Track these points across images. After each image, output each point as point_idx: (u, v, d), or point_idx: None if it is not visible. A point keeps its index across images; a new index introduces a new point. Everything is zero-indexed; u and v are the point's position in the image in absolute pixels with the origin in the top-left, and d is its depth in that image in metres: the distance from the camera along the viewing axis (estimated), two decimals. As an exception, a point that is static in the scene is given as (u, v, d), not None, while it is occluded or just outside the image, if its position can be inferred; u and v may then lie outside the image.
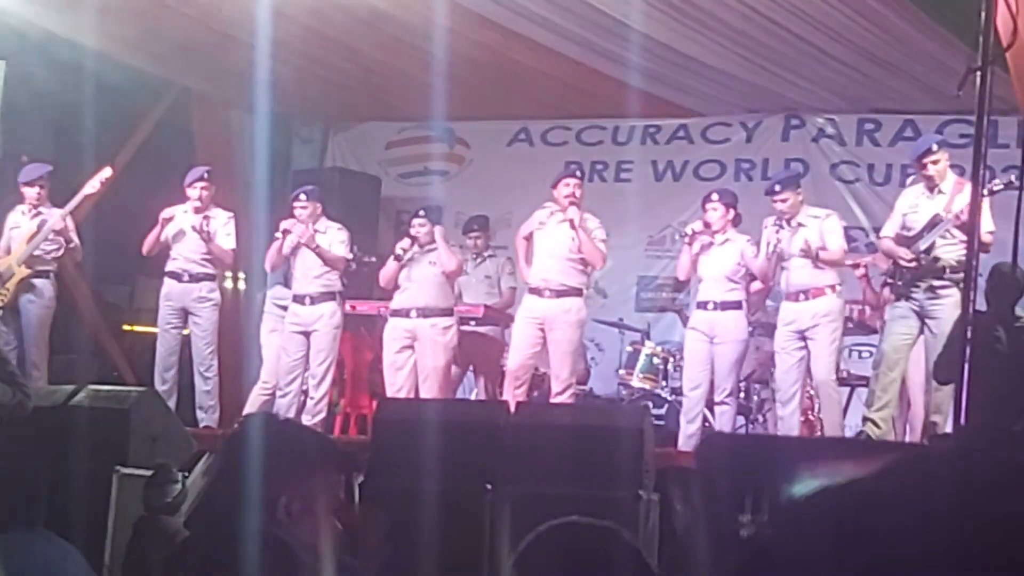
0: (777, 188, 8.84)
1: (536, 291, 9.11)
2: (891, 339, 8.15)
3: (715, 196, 9.20)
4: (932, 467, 1.21)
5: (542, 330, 9.04)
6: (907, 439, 8.69)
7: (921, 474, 1.19)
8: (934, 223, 7.97)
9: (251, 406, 9.42)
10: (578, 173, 9.42)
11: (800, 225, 8.71)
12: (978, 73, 5.32)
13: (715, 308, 8.97)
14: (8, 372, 6.17)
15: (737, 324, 8.96)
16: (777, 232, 8.72)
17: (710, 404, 9.20)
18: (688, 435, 8.97)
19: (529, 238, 9.26)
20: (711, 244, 9.05)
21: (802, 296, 8.60)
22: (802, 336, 8.59)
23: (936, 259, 7.95)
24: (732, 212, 9.12)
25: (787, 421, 8.65)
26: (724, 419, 9.04)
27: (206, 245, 9.46)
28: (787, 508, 1.23)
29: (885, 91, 10.72)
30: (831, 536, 1.16)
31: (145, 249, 9.63)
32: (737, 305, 9.00)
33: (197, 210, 9.57)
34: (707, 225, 9.05)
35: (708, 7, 8.93)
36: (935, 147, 8.21)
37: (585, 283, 9.26)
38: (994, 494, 1.16)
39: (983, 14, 5.92)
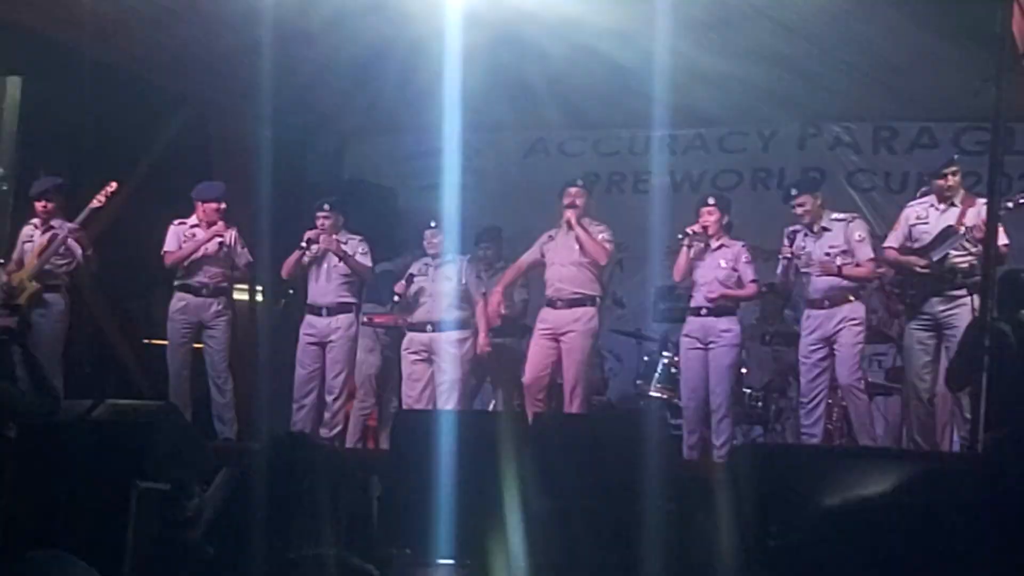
0: (794, 192, 8.80)
1: (549, 302, 9.13)
2: (913, 365, 8.15)
3: (711, 200, 9.18)
4: (961, 478, 1.21)
5: (556, 341, 9.02)
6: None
7: (950, 484, 1.19)
8: (947, 235, 7.99)
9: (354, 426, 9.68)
10: (578, 183, 9.37)
11: (824, 230, 8.67)
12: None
13: (708, 314, 8.93)
14: (40, 377, 6.21)
15: (730, 328, 8.91)
16: (803, 238, 8.65)
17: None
18: (689, 446, 8.92)
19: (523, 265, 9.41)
20: (705, 248, 9.01)
21: (827, 303, 8.52)
22: (827, 343, 8.52)
23: (950, 269, 7.96)
24: (726, 218, 9.10)
25: (811, 431, 8.55)
26: (721, 432, 8.84)
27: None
28: (815, 517, 1.23)
29: (901, 99, 10.69)
30: (859, 545, 1.15)
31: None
32: (731, 311, 8.97)
33: (209, 227, 9.53)
34: (704, 229, 9.02)
35: (725, 16, 8.91)
36: (955, 158, 8.36)
37: (599, 292, 9.23)
38: None
39: (999, 21, 5.91)
